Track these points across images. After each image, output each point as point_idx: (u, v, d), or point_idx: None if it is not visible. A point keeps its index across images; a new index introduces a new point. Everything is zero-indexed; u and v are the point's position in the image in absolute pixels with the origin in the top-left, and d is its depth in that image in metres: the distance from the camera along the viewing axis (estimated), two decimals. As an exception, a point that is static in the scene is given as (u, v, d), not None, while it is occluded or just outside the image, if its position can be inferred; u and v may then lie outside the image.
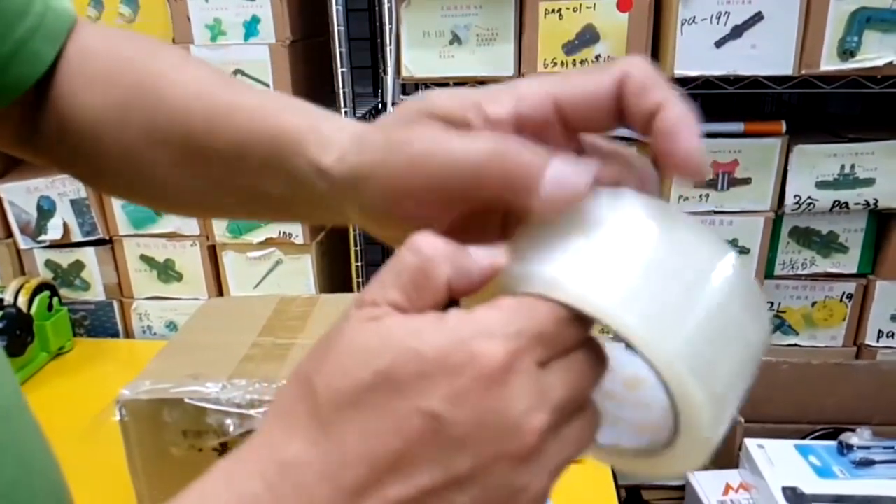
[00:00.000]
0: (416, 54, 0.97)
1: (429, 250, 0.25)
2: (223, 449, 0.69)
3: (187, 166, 0.37)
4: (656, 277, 0.25)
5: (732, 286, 0.26)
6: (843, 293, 1.09)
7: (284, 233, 1.13)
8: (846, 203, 1.02)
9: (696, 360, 0.24)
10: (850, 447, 0.88)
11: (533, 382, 0.24)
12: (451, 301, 0.26)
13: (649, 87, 0.26)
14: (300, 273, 1.17)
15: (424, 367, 0.23)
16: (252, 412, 0.67)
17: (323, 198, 0.33)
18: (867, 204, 1.02)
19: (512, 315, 0.24)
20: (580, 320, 0.25)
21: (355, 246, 1.15)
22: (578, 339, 0.26)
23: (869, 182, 1.00)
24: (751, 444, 0.91)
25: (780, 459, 0.88)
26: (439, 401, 0.23)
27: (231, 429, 0.66)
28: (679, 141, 0.26)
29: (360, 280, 1.18)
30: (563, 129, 0.28)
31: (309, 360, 0.25)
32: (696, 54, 0.91)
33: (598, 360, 0.27)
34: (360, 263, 1.17)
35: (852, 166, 1.00)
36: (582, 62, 0.94)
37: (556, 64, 0.94)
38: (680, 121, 0.26)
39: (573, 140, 0.29)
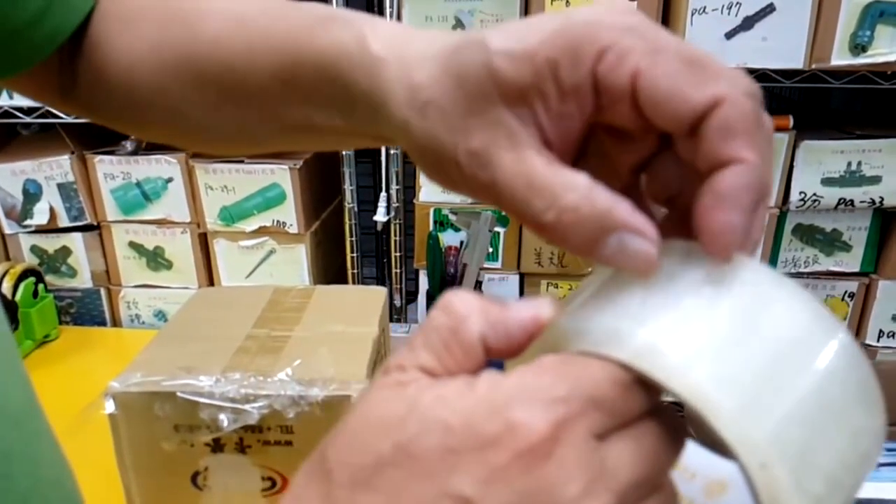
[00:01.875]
0: (417, 40, 0.94)
1: (461, 308, 0.22)
2: (216, 444, 0.67)
3: (226, 101, 0.34)
4: (743, 348, 0.21)
5: (840, 367, 0.21)
6: (845, 292, 1.08)
7: (278, 221, 1.10)
8: (851, 201, 1.00)
9: (789, 448, 0.20)
10: (852, 449, 0.87)
11: (588, 458, 0.20)
12: (493, 363, 0.23)
13: (738, 134, 0.21)
14: (294, 263, 1.14)
15: (452, 440, 0.20)
16: (247, 407, 0.64)
17: (376, 124, 0.29)
18: (873, 202, 1.00)
19: (557, 375, 0.20)
20: (646, 386, 0.21)
21: (351, 236, 1.13)
22: (646, 407, 0.21)
23: (875, 180, 0.99)
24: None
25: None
26: (471, 482, 0.19)
27: (225, 424, 0.64)
28: (721, 213, 0.22)
29: (355, 271, 1.16)
30: (632, 106, 0.23)
31: (329, 435, 0.22)
32: (706, 45, 0.89)
33: (676, 434, 0.22)
34: (355, 254, 1.15)
35: (859, 163, 0.98)
36: (589, 51, 0.92)
37: (562, 52, 0.92)
38: (738, 194, 0.22)
39: (641, 118, 0.23)
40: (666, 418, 0.22)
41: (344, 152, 1.07)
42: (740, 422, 0.19)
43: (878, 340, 1.10)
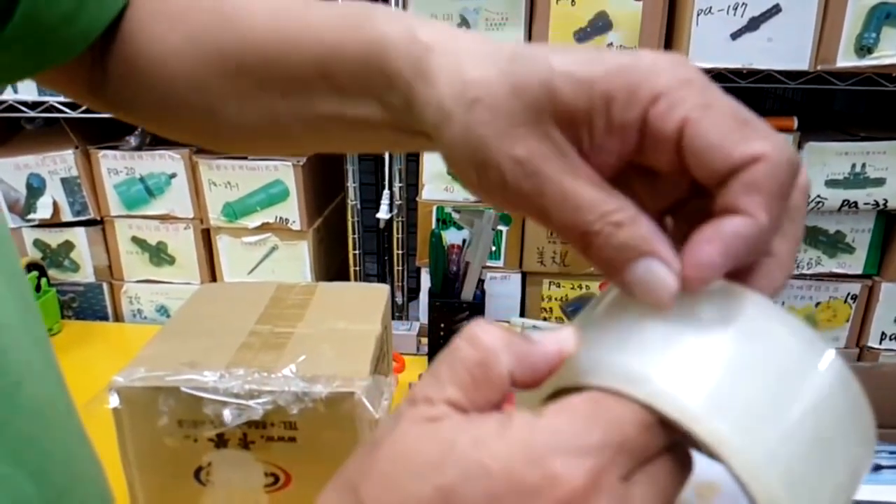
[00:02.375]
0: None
1: (488, 342, 0.22)
2: (219, 440, 0.67)
3: (261, 95, 0.34)
4: (745, 379, 0.22)
5: (831, 393, 0.23)
6: (848, 294, 1.08)
7: (281, 218, 1.10)
8: (855, 203, 1.00)
9: (789, 470, 0.21)
10: (854, 451, 0.87)
11: (619, 501, 0.21)
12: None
13: (763, 194, 0.22)
14: (296, 259, 1.14)
15: (494, 487, 0.20)
16: (251, 402, 0.64)
17: (414, 115, 0.28)
18: (876, 204, 1.00)
19: (590, 422, 0.21)
20: (663, 423, 0.22)
21: (353, 233, 1.13)
22: (665, 444, 0.23)
23: (879, 182, 0.99)
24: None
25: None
26: None
27: (229, 419, 0.64)
28: (710, 247, 0.23)
29: (358, 268, 1.16)
30: (674, 150, 0.24)
31: (355, 465, 0.22)
32: (712, 46, 0.89)
33: (684, 465, 0.23)
34: (357, 251, 1.15)
35: (863, 165, 0.98)
36: (594, 50, 0.92)
37: (567, 52, 0.92)
38: (734, 241, 0.23)
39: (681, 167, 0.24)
40: (679, 452, 0.23)
41: (348, 149, 1.07)
42: (755, 466, 0.21)
43: (880, 343, 1.10)
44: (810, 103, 1.26)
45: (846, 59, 0.89)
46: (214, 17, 0.35)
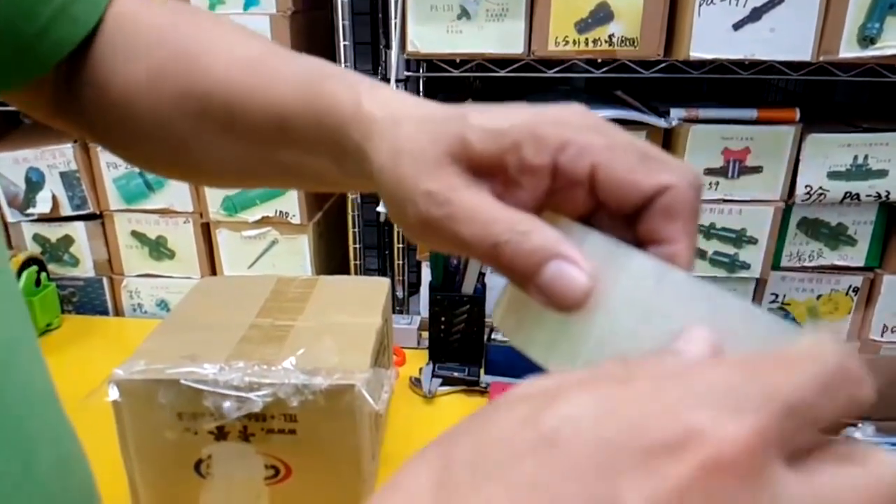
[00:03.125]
0: (422, 29, 0.93)
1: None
2: (219, 432, 0.67)
3: (225, 138, 0.35)
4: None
5: None
6: (850, 286, 1.08)
7: (281, 212, 1.10)
8: (857, 194, 1.00)
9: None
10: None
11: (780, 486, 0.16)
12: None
13: (677, 219, 0.26)
14: (296, 253, 1.14)
15: (611, 434, 0.16)
16: (251, 395, 0.64)
17: (361, 174, 0.31)
18: (879, 196, 1.00)
19: (750, 374, 0.17)
20: None
21: (353, 227, 1.13)
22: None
23: (882, 174, 0.99)
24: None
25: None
26: (637, 495, 0.16)
27: (229, 411, 0.64)
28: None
29: (358, 262, 1.15)
30: (588, 190, 0.27)
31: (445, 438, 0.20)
32: (714, 36, 0.89)
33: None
34: (357, 245, 1.14)
35: (865, 157, 0.98)
36: (595, 41, 0.91)
37: (567, 42, 0.92)
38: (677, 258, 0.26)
39: (591, 197, 0.27)
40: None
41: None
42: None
43: (881, 335, 1.10)
44: (812, 95, 1.25)
45: (849, 50, 0.88)
46: (180, 58, 0.36)
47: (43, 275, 1.09)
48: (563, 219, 0.27)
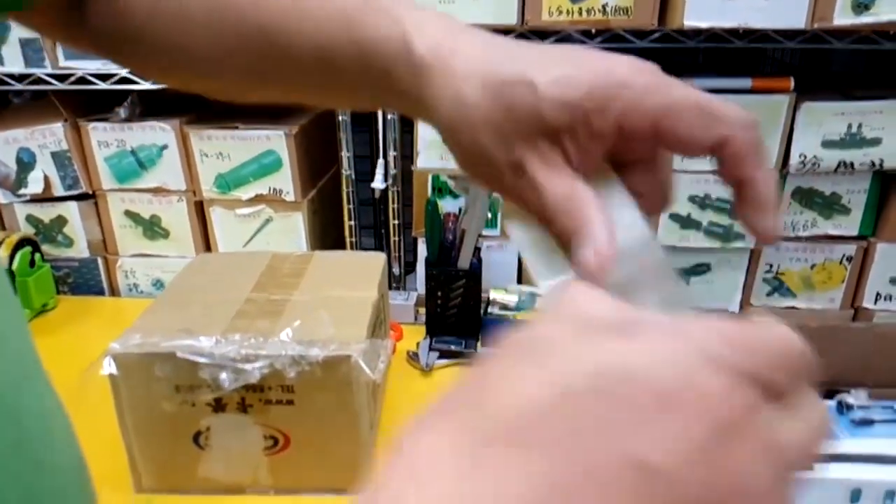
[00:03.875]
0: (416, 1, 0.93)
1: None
2: (217, 404, 0.67)
3: (261, 66, 0.35)
4: None
5: None
6: (843, 255, 1.08)
7: (274, 189, 1.10)
8: (851, 163, 1.00)
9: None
10: (849, 407, 0.88)
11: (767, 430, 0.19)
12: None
13: (746, 161, 0.28)
14: (291, 231, 1.13)
15: (635, 389, 0.18)
16: (247, 366, 0.64)
17: (418, 117, 0.32)
18: (872, 164, 1.00)
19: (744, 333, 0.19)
20: None
21: (348, 204, 1.12)
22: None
23: (875, 142, 0.99)
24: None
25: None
26: (660, 447, 0.17)
27: (226, 383, 0.64)
28: (764, 219, 0.29)
29: (353, 239, 1.15)
30: (652, 144, 0.29)
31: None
32: (707, 5, 0.88)
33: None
34: (353, 222, 1.14)
35: (859, 125, 0.98)
36: (588, 11, 0.91)
37: (561, 13, 0.91)
38: (767, 200, 0.29)
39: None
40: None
41: (340, 118, 1.06)
42: None
43: (875, 303, 1.10)
44: (808, 65, 1.25)
45: (843, 17, 0.88)
46: None
47: (37, 256, 1.08)
48: (614, 179, 0.31)
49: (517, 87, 0.28)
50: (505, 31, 0.94)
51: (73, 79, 1.03)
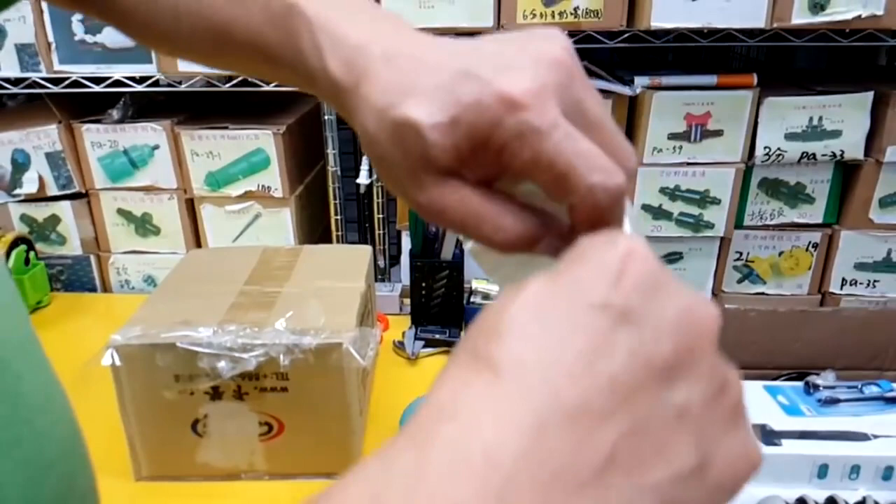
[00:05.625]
0: (394, 4, 0.97)
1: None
2: (215, 392, 0.71)
3: (215, 54, 0.38)
4: None
5: None
6: (809, 242, 1.14)
7: (263, 186, 1.13)
8: (814, 154, 1.05)
9: None
10: (816, 387, 0.92)
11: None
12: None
13: (598, 220, 0.27)
14: (279, 227, 1.17)
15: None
16: (245, 355, 0.68)
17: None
18: (833, 155, 1.05)
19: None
20: None
21: (334, 199, 1.16)
22: None
23: (836, 134, 1.04)
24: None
25: (750, 399, 0.91)
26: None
27: (224, 372, 0.68)
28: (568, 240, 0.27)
29: (340, 234, 1.19)
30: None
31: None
32: (673, 7, 0.93)
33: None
34: (339, 217, 1.18)
35: (820, 118, 1.03)
36: (560, 14, 0.95)
37: (535, 16, 0.95)
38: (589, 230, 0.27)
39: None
40: None
41: (326, 117, 1.09)
42: None
43: (841, 289, 1.16)
44: (772, 62, 1.30)
45: (801, 17, 0.93)
46: None
47: (31, 254, 1.11)
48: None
49: (405, 129, 0.28)
50: (482, 33, 0.98)
51: (67, 82, 1.06)
